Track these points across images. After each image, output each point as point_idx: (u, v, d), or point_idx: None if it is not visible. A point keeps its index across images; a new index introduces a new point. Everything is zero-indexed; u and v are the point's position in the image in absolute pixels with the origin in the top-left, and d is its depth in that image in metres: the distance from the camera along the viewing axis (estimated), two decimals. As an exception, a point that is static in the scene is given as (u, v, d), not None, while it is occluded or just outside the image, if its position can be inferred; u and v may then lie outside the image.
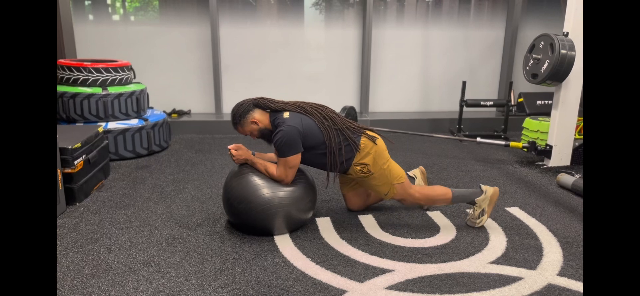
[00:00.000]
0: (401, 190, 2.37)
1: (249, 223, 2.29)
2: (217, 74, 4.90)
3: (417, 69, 5.44)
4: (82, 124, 3.56)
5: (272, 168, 2.26)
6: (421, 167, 2.86)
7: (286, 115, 2.24)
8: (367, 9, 4.95)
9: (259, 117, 2.30)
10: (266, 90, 4.98)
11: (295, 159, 2.21)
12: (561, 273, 2.02)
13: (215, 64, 4.87)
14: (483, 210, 2.47)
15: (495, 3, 5.43)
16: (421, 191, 2.43)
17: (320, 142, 2.26)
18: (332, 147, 2.25)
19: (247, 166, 2.32)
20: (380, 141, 2.37)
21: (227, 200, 2.33)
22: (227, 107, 5.05)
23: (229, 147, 2.33)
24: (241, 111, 2.29)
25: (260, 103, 2.31)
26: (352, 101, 5.38)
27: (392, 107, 5.50)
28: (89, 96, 3.60)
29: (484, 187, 2.48)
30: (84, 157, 2.83)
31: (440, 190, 2.45)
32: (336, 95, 5.33)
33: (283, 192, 2.25)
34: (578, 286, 1.92)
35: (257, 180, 2.25)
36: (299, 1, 5.12)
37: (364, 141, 2.32)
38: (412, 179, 2.73)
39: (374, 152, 2.31)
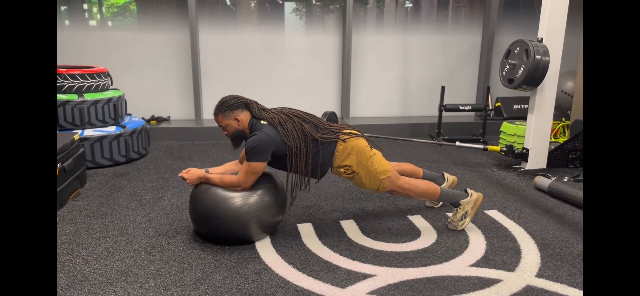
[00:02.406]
0: (390, 184, 2.37)
1: (221, 235, 2.27)
2: (196, 79, 4.86)
3: (397, 74, 5.50)
4: (57, 132, 3.48)
5: (229, 178, 2.24)
6: (455, 177, 2.94)
7: (264, 122, 2.24)
8: (347, 15, 4.98)
9: (242, 118, 2.28)
10: (247, 95, 4.95)
11: (259, 166, 2.19)
12: (539, 275, 2.06)
13: (195, 70, 4.82)
14: (466, 212, 2.51)
15: (472, 9, 5.53)
16: (410, 183, 2.43)
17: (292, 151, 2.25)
18: (300, 156, 2.24)
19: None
20: (359, 140, 2.35)
21: (195, 217, 2.31)
22: (207, 114, 5.01)
23: (180, 174, 2.31)
24: (231, 103, 2.28)
25: (250, 106, 2.30)
26: (333, 106, 5.40)
27: (373, 112, 5.54)
28: (65, 103, 3.52)
29: (469, 191, 2.52)
30: (59, 165, 2.77)
31: (429, 185, 2.47)
32: (317, 100, 5.33)
33: (254, 197, 2.22)
34: (555, 287, 1.96)
35: (223, 192, 2.22)
36: (280, 7, 5.12)
37: (341, 145, 2.32)
38: (443, 177, 2.86)
39: (355, 152, 2.31)
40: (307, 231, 2.48)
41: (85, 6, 4.77)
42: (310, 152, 2.26)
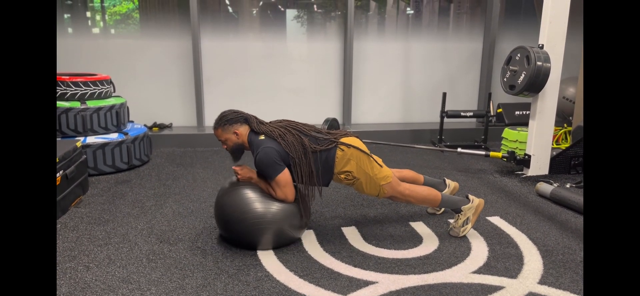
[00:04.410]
0: (390, 190, 2.38)
1: (240, 235, 2.27)
2: (198, 86, 4.88)
3: (398, 81, 5.51)
4: (59, 139, 3.49)
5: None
6: (457, 183, 2.92)
7: (262, 137, 2.25)
8: (349, 22, 5.00)
9: (242, 131, 2.31)
10: (248, 103, 4.97)
11: (284, 176, 2.20)
12: (541, 282, 2.05)
13: (197, 77, 4.84)
14: (468, 218, 2.50)
15: (473, 16, 5.55)
16: (411, 189, 2.44)
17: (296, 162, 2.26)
18: (303, 167, 2.25)
19: (238, 182, 2.32)
20: (359, 146, 2.36)
21: (220, 209, 2.31)
22: (209, 120, 5.02)
23: (234, 167, 2.33)
24: (231, 118, 2.30)
25: (250, 121, 2.32)
26: (335, 113, 5.40)
27: (374, 118, 5.54)
28: (67, 110, 3.53)
29: (471, 197, 2.51)
30: (61, 172, 2.77)
31: (430, 191, 2.47)
32: (319, 107, 5.34)
33: (276, 207, 2.24)
34: (558, 294, 1.95)
35: (251, 194, 2.24)
36: (281, 14, 5.14)
37: (340, 152, 2.32)
38: (444, 183, 2.85)
39: (355, 158, 2.32)
40: (308, 238, 2.47)
41: (88, 14, 4.80)
42: (312, 163, 2.27)
